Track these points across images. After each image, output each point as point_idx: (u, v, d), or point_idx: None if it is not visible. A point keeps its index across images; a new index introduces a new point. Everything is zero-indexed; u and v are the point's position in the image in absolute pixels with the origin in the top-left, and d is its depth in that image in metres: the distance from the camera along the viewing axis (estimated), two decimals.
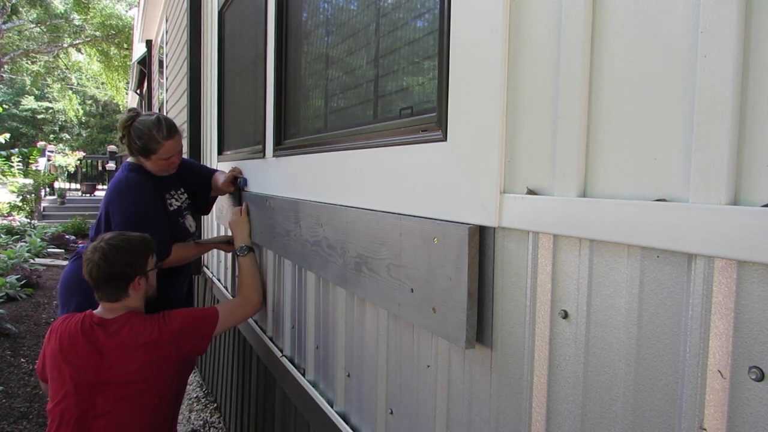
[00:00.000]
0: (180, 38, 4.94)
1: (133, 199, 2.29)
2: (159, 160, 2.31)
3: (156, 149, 2.27)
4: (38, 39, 20.96)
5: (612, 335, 0.79)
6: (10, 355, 4.67)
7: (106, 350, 1.86)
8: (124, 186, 2.31)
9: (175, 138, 2.32)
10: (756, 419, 0.62)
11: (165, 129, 2.27)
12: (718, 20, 0.65)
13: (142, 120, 2.28)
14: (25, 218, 12.33)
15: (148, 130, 2.26)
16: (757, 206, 0.62)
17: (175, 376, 1.99)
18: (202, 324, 2.04)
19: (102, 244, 1.92)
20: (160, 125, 2.27)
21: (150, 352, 1.88)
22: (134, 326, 1.89)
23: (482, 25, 1.01)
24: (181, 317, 1.99)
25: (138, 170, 2.35)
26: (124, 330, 1.88)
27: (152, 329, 1.90)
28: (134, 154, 2.34)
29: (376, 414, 1.47)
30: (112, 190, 2.35)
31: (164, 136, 2.27)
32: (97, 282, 1.91)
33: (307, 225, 1.82)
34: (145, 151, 2.28)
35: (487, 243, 1.03)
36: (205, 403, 3.76)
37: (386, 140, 1.35)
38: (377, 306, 1.43)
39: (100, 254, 1.90)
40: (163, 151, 2.29)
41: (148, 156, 2.30)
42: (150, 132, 2.25)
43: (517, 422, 0.97)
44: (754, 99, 0.63)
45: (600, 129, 0.81)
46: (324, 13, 1.93)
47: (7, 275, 6.57)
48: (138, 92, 12.59)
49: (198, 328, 2.02)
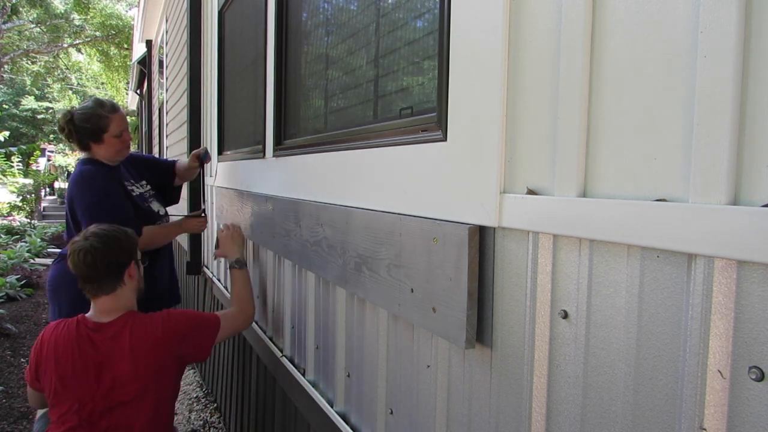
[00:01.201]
0: (180, 38, 4.94)
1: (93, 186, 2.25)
2: (111, 138, 2.27)
3: (106, 125, 2.25)
4: (38, 39, 20.96)
5: (612, 335, 0.79)
6: (10, 355, 4.67)
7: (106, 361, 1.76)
8: (79, 178, 2.27)
9: (120, 112, 2.31)
10: (756, 419, 0.62)
11: (108, 105, 2.29)
12: (718, 20, 0.65)
13: (81, 107, 2.29)
14: (25, 218, 12.34)
15: (91, 110, 2.25)
16: (757, 206, 0.62)
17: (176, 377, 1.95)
18: (206, 328, 1.98)
19: (94, 230, 1.87)
20: (102, 103, 2.28)
21: (155, 352, 1.80)
22: (136, 328, 1.80)
23: (482, 24, 1.01)
24: (185, 318, 1.93)
25: (92, 162, 2.32)
26: (124, 332, 1.79)
27: (155, 328, 1.83)
28: (84, 143, 2.30)
29: (376, 414, 1.47)
30: (70, 186, 2.33)
31: (109, 110, 2.27)
32: (92, 270, 1.80)
33: (307, 225, 1.82)
34: (96, 131, 2.25)
35: (487, 243, 1.03)
36: (205, 403, 3.76)
37: (386, 140, 1.35)
38: (377, 306, 1.43)
39: (93, 240, 1.81)
40: (114, 126, 2.26)
41: (100, 137, 2.26)
42: (94, 111, 2.25)
43: (517, 422, 0.97)
44: (754, 99, 0.63)
45: (600, 129, 0.81)
46: (324, 13, 1.93)
47: (7, 275, 6.58)
48: (138, 92, 12.58)
49: (201, 331, 1.96)
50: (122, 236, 1.89)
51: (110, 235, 1.87)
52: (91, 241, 1.82)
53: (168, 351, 1.85)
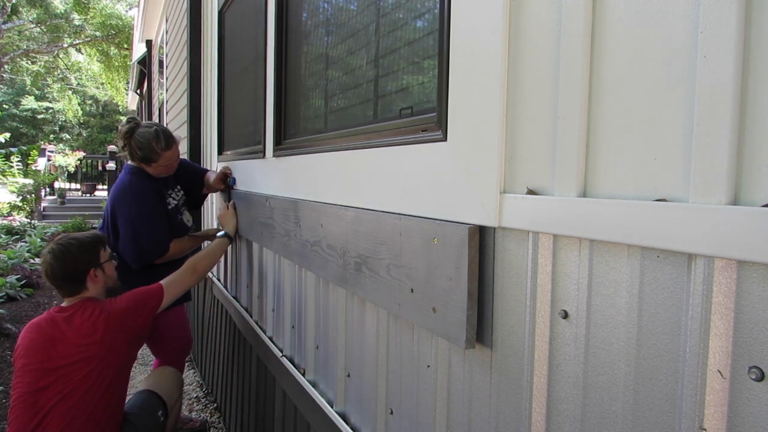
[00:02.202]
0: (180, 38, 4.94)
1: (136, 201, 2.54)
2: (158, 167, 2.58)
3: (156, 159, 2.54)
4: (38, 39, 20.96)
5: (612, 335, 0.79)
6: (10, 355, 4.67)
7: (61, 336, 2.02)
8: (127, 189, 2.56)
9: (173, 148, 2.58)
10: (756, 419, 0.62)
11: (163, 141, 2.53)
12: (718, 20, 0.65)
13: (142, 132, 2.52)
14: (25, 218, 12.33)
15: (147, 142, 2.50)
16: (757, 206, 0.62)
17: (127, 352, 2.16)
18: (148, 301, 2.21)
19: (52, 246, 2.11)
20: (158, 138, 2.52)
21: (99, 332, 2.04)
22: (85, 310, 2.07)
23: (482, 24, 1.01)
24: (126, 298, 2.18)
25: (139, 173, 2.60)
26: (76, 315, 2.06)
27: (101, 310, 2.08)
28: (135, 160, 2.59)
29: (376, 414, 1.47)
30: (116, 192, 2.60)
31: (163, 147, 2.53)
32: (53, 280, 2.08)
33: (307, 225, 1.82)
34: (146, 159, 2.54)
35: (487, 243, 1.03)
36: (205, 403, 3.76)
37: (386, 140, 1.35)
38: (377, 306, 1.43)
39: (51, 255, 2.08)
40: (162, 160, 2.56)
41: (149, 164, 2.56)
42: (149, 144, 2.50)
43: (517, 422, 0.97)
44: (754, 99, 0.63)
45: (600, 129, 0.81)
46: (324, 13, 1.93)
47: (7, 275, 6.58)
48: (138, 92, 12.58)
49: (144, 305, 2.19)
50: (77, 249, 2.12)
51: (66, 249, 2.10)
52: (49, 257, 2.09)
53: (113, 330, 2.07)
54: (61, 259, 2.08)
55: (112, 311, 2.10)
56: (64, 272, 2.08)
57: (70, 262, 2.08)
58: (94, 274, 2.14)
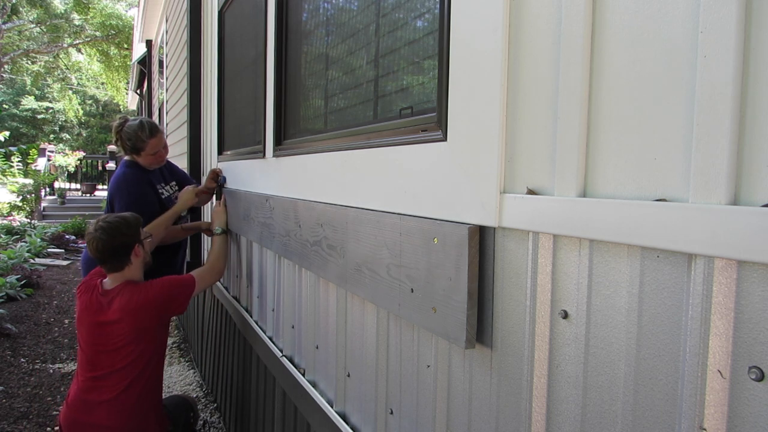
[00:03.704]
0: (180, 38, 4.94)
1: (130, 189, 2.80)
2: (147, 156, 2.81)
3: (143, 146, 2.77)
4: (38, 39, 20.94)
5: (612, 335, 0.79)
6: (10, 355, 4.67)
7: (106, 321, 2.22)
8: (122, 179, 2.84)
9: (157, 136, 2.81)
10: (756, 419, 0.62)
11: (148, 129, 2.78)
12: (718, 20, 0.65)
13: (129, 125, 2.80)
14: (25, 218, 12.33)
15: (134, 132, 2.76)
16: (757, 206, 0.62)
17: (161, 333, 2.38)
18: (184, 289, 2.41)
19: (101, 223, 2.26)
20: (143, 127, 2.77)
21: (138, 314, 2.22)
22: (124, 294, 2.24)
23: (482, 24, 1.01)
24: (163, 283, 2.34)
25: (132, 165, 2.86)
26: (117, 299, 2.24)
27: (140, 296, 2.24)
28: (127, 151, 2.84)
29: (376, 414, 1.47)
30: (113, 184, 2.88)
31: (147, 135, 2.77)
32: (102, 255, 2.24)
33: (307, 225, 1.82)
34: (135, 149, 2.78)
35: (487, 243, 1.03)
36: (205, 403, 3.76)
37: (386, 140, 1.35)
38: (377, 306, 1.43)
39: (101, 231, 2.24)
40: (149, 148, 2.78)
41: (139, 153, 2.79)
42: (136, 134, 2.75)
43: (517, 422, 0.97)
44: (754, 99, 0.63)
45: (600, 129, 0.81)
46: (324, 13, 1.93)
47: (7, 275, 6.57)
48: (138, 92, 12.58)
49: (180, 292, 2.39)
50: (123, 226, 2.28)
51: (114, 225, 2.26)
52: (98, 233, 2.24)
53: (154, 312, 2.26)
54: (110, 234, 2.22)
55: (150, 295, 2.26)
56: (112, 246, 2.22)
57: (118, 237, 2.23)
58: (137, 249, 2.29)
